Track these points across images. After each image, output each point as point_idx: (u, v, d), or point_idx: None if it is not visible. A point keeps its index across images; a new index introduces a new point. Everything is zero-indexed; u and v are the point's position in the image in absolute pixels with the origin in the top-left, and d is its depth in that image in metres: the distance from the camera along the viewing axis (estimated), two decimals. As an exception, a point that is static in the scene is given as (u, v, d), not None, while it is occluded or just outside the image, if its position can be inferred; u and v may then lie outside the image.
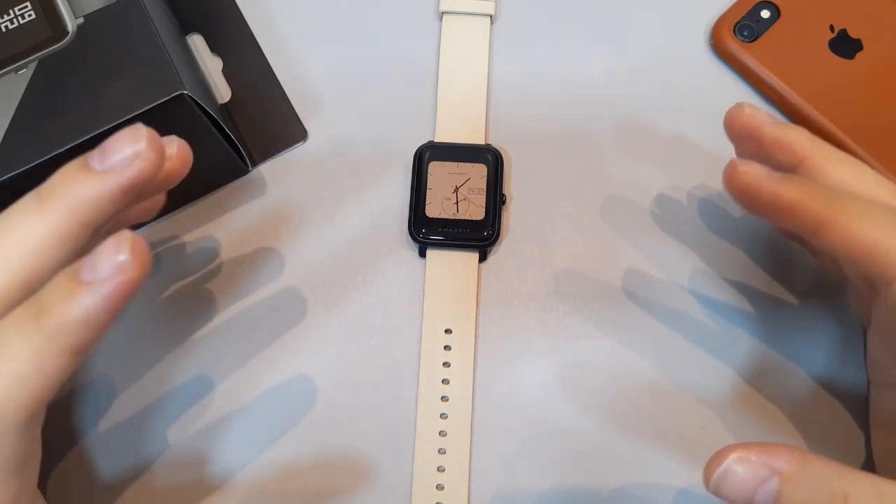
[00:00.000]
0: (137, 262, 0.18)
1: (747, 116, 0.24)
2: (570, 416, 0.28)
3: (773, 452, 0.19)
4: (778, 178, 0.21)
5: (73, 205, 0.19)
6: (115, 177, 0.19)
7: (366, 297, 0.29)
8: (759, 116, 0.24)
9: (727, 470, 0.19)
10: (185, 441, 0.27)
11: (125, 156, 0.19)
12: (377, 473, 0.27)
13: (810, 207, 0.21)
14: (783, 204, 0.21)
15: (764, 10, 0.32)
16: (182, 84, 0.24)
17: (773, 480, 0.19)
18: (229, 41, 0.33)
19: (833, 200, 0.21)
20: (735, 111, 0.24)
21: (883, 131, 0.30)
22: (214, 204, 0.31)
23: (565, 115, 0.32)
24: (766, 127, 0.24)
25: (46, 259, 0.19)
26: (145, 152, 0.19)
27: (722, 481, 0.20)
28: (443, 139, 0.31)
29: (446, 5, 0.33)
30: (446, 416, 0.28)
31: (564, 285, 0.30)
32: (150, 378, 0.28)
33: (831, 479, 0.19)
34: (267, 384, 0.28)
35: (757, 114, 0.24)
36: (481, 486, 0.27)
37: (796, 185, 0.21)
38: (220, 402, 0.28)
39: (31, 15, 0.25)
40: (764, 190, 0.21)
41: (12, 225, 0.19)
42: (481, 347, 0.29)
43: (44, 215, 0.19)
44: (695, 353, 0.29)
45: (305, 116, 0.32)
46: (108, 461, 0.27)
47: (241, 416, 0.28)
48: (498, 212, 0.29)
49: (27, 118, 0.24)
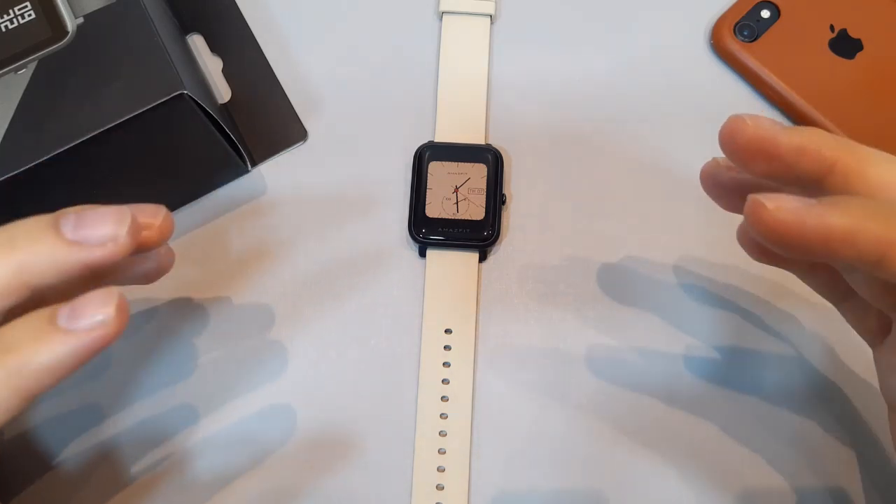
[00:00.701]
0: (119, 320, 0.17)
1: (753, 128, 0.19)
2: (570, 416, 0.28)
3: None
4: (820, 206, 0.17)
5: (24, 262, 0.17)
6: (81, 251, 0.18)
7: (366, 298, 0.29)
8: (767, 125, 0.19)
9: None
10: (185, 441, 0.27)
11: (100, 234, 0.18)
12: (377, 473, 0.27)
13: (870, 232, 0.17)
14: (836, 236, 0.17)
15: (764, 10, 0.32)
16: (182, 84, 0.24)
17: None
18: (229, 41, 0.33)
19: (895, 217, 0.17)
20: (735, 126, 0.20)
21: (883, 131, 0.30)
22: (214, 204, 0.31)
23: (565, 115, 0.32)
24: (781, 136, 0.19)
25: None
26: (123, 238, 0.18)
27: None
28: (443, 139, 0.31)
29: (446, 5, 0.33)
30: (446, 416, 0.28)
31: (564, 285, 0.30)
32: (146, 376, 0.28)
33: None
34: (267, 384, 0.28)
35: (763, 123, 0.19)
36: (481, 486, 0.27)
37: (844, 209, 0.17)
38: (219, 401, 0.28)
39: (31, 15, 0.25)
40: (808, 225, 0.17)
41: None
42: (481, 347, 0.29)
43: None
44: (695, 353, 0.29)
45: (305, 116, 0.32)
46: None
47: (240, 416, 0.28)
48: (498, 212, 0.29)
49: (27, 118, 0.24)
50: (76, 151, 0.24)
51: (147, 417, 0.28)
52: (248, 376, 0.28)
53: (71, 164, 0.24)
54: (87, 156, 0.24)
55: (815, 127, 0.20)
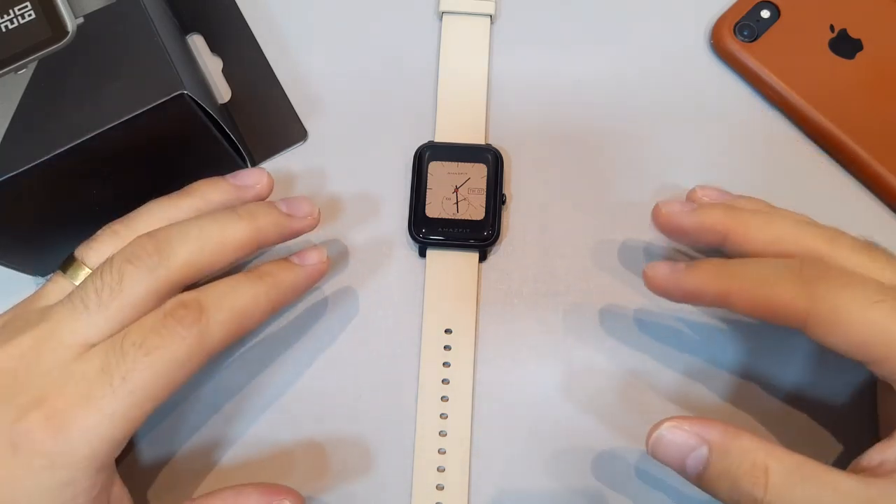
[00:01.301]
0: (325, 263, 0.27)
1: (664, 215, 0.26)
2: (570, 416, 0.28)
3: (706, 425, 0.22)
4: (677, 272, 0.24)
5: (260, 226, 0.25)
6: (294, 221, 0.26)
7: (366, 297, 0.29)
8: (675, 209, 0.26)
9: (660, 436, 0.22)
10: (184, 441, 0.27)
11: (305, 211, 0.26)
12: (377, 473, 0.27)
13: (710, 286, 0.23)
14: (689, 292, 0.24)
15: (764, 10, 0.32)
16: (182, 84, 0.24)
17: (703, 448, 0.22)
18: (229, 41, 0.33)
19: (728, 270, 0.23)
20: (654, 213, 0.26)
21: (883, 131, 0.30)
22: (214, 204, 0.31)
23: (565, 114, 0.32)
24: (684, 217, 0.25)
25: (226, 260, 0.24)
26: (316, 214, 0.27)
27: (657, 445, 0.23)
28: (443, 139, 0.31)
29: (446, 5, 0.33)
30: (446, 416, 0.28)
31: (564, 285, 0.30)
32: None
33: (757, 453, 0.21)
34: (266, 384, 0.28)
35: (672, 207, 0.26)
36: (481, 485, 0.27)
37: (692, 273, 0.24)
38: (217, 401, 0.28)
39: (31, 15, 0.25)
40: (670, 285, 0.25)
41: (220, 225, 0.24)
42: (481, 347, 0.29)
43: (242, 223, 0.24)
44: (695, 354, 0.29)
45: (305, 116, 0.32)
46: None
47: (239, 415, 0.28)
48: (498, 212, 0.29)
49: (27, 118, 0.24)
50: (76, 151, 0.24)
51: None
52: (247, 376, 0.28)
53: (71, 164, 0.24)
54: (87, 156, 0.24)
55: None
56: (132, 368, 0.21)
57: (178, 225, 0.24)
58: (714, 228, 0.25)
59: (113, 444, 0.21)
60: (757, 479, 0.21)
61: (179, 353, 0.22)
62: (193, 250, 0.23)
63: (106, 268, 0.23)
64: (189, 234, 0.23)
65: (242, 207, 0.25)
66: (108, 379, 0.21)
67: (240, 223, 0.24)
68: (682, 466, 0.22)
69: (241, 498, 0.24)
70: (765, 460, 0.21)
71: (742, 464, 0.21)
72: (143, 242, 0.23)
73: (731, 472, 0.21)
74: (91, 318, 0.22)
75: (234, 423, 0.28)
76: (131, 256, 0.23)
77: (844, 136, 0.30)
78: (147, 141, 0.26)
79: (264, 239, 0.25)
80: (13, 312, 0.24)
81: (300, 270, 0.26)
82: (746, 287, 0.23)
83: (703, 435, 0.22)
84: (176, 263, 0.23)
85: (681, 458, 0.22)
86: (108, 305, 0.22)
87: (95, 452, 0.21)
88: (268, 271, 0.25)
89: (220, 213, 0.24)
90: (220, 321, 0.23)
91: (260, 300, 0.24)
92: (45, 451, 0.21)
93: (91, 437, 0.21)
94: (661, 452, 0.23)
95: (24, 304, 0.24)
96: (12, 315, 0.24)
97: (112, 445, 0.21)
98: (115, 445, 0.22)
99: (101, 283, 0.22)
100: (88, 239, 0.25)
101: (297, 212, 0.26)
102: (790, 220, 0.25)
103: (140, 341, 0.22)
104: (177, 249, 0.23)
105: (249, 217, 0.24)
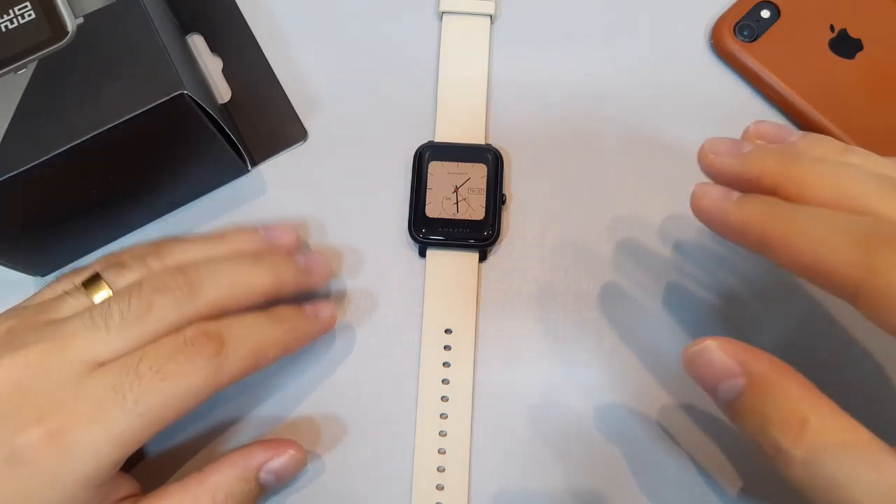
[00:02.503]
0: (335, 318, 0.27)
1: (708, 158, 0.23)
2: (570, 416, 0.28)
3: (754, 356, 0.20)
4: (728, 201, 0.22)
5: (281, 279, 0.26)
6: (310, 277, 0.27)
7: (366, 298, 0.29)
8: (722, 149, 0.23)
9: (700, 351, 0.20)
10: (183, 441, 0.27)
11: (321, 270, 0.28)
12: (377, 473, 0.27)
13: (754, 225, 0.21)
14: (731, 225, 0.21)
15: (764, 10, 0.32)
16: (182, 84, 0.24)
17: (740, 380, 0.19)
18: (229, 41, 0.33)
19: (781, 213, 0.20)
20: (699, 153, 0.24)
21: (883, 131, 0.30)
22: (214, 204, 0.31)
23: (565, 115, 0.32)
24: (727, 162, 0.23)
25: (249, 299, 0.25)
26: (331, 274, 0.29)
27: (694, 360, 0.20)
28: (443, 139, 0.31)
29: (446, 5, 0.33)
30: (446, 416, 0.28)
31: (564, 285, 0.30)
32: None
33: (800, 401, 0.19)
34: (265, 383, 0.28)
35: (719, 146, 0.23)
36: (481, 486, 0.27)
37: (741, 205, 0.21)
38: (216, 401, 0.28)
39: (31, 15, 0.25)
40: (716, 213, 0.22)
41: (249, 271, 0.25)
42: (481, 347, 0.29)
43: (267, 274, 0.25)
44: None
45: (305, 116, 0.32)
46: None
47: (238, 416, 0.28)
48: (498, 212, 0.29)
49: (27, 118, 0.24)
50: (76, 151, 0.24)
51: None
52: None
53: (71, 164, 0.24)
54: (87, 156, 0.24)
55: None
56: (147, 392, 0.21)
57: (209, 265, 0.25)
58: (761, 181, 0.21)
59: (115, 464, 0.22)
60: (790, 427, 0.18)
61: (195, 382, 0.22)
62: (221, 292, 0.24)
63: (135, 293, 0.23)
64: (219, 277, 0.24)
65: (268, 258, 0.26)
66: (121, 399, 0.21)
67: (265, 273, 0.25)
68: (713, 389, 0.20)
69: (249, 457, 0.24)
70: (807, 413, 0.18)
71: (779, 409, 0.19)
72: (175, 276, 0.24)
73: (765, 413, 0.19)
74: (109, 338, 0.22)
75: (234, 423, 0.28)
76: (163, 287, 0.23)
77: (844, 136, 0.30)
78: (147, 141, 0.26)
79: (283, 291, 0.26)
80: (17, 319, 0.24)
81: (315, 323, 0.26)
82: (796, 240, 0.19)
83: (747, 366, 0.20)
84: (204, 302, 0.23)
85: (714, 382, 0.20)
86: (130, 329, 0.22)
87: (97, 472, 0.21)
88: (286, 317, 0.25)
89: (247, 261, 0.25)
90: (238, 356, 0.23)
91: (277, 343, 0.25)
92: (46, 469, 0.21)
93: (94, 457, 0.21)
94: (695, 369, 0.21)
95: (30, 311, 0.24)
96: (17, 322, 0.23)
97: (114, 465, 0.22)
98: (116, 465, 0.22)
99: (127, 306, 0.23)
100: (115, 261, 0.25)
101: (314, 270, 0.27)
102: (861, 172, 0.20)
103: (158, 366, 0.22)
104: (207, 289, 0.24)
105: (274, 269, 0.25)
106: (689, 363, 0.21)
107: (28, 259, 0.28)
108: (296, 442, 0.26)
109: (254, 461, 0.24)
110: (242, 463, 0.24)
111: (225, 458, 0.24)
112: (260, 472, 0.24)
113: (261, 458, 0.24)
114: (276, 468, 0.25)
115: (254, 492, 0.24)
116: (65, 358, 0.22)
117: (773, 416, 0.19)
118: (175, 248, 0.26)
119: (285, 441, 0.26)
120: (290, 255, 0.27)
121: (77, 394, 0.21)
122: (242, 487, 0.24)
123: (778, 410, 0.19)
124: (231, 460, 0.24)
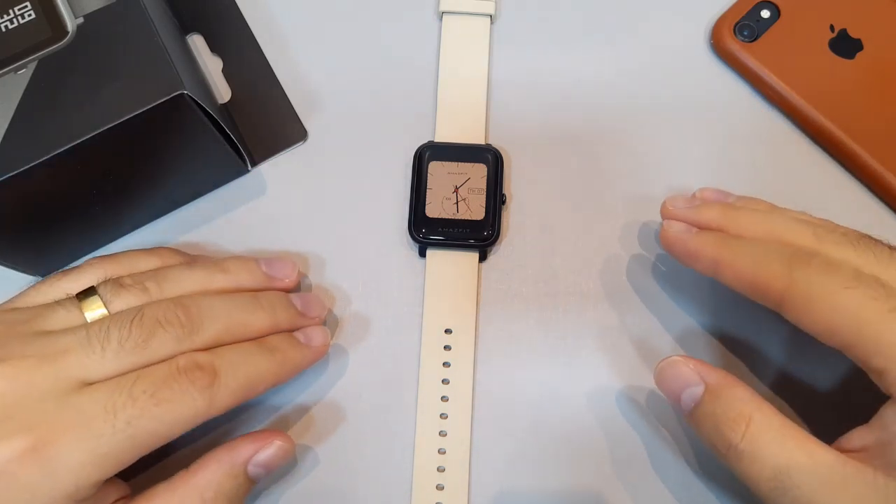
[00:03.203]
0: (327, 346, 0.27)
1: (669, 210, 0.27)
2: (570, 416, 0.28)
3: (709, 368, 0.24)
4: (688, 234, 0.26)
5: (277, 319, 0.26)
6: (307, 322, 0.27)
7: (366, 297, 0.29)
8: (679, 205, 0.27)
9: (665, 367, 0.24)
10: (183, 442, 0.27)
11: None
12: (377, 473, 0.27)
13: (706, 252, 0.25)
14: (689, 253, 0.25)
15: (764, 10, 0.32)
16: (182, 84, 0.24)
17: (700, 387, 0.23)
18: (229, 41, 0.33)
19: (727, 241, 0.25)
20: (661, 207, 0.27)
21: (883, 131, 0.30)
22: (214, 204, 0.31)
23: (565, 115, 0.32)
24: (688, 213, 0.27)
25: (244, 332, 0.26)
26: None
27: (661, 375, 0.25)
28: (443, 139, 0.31)
29: (446, 5, 0.33)
30: (446, 416, 0.28)
31: (564, 285, 0.30)
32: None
33: (746, 403, 0.22)
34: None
35: (676, 203, 0.27)
36: (481, 486, 0.27)
37: (697, 238, 0.26)
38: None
39: (31, 15, 0.25)
40: (678, 244, 0.26)
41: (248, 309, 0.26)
42: (481, 347, 0.29)
43: (264, 314, 0.26)
44: (699, 353, 0.29)
45: (305, 116, 0.32)
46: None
47: (235, 415, 0.28)
48: (498, 212, 0.29)
49: (27, 118, 0.24)
50: (76, 151, 0.24)
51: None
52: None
53: (71, 164, 0.24)
54: (87, 156, 0.24)
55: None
56: (140, 415, 0.21)
57: (209, 302, 0.25)
58: (709, 225, 0.26)
59: (96, 484, 0.21)
60: (738, 425, 0.22)
61: (187, 411, 0.22)
62: (220, 330, 0.24)
63: (136, 321, 0.23)
64: (219, 316, 0.25)
65: (265, 298, 0.26)
66: (112, 419, 0.21)
67: (262, 314, 0.26)
68: (677, 399, 0.24)
69: (236, 452, 0.24)
70: (751, 411, 0.22)
71: (729, 410, 0.22)
72: (175, 311, 0.24)
73: (717, 415, 0.23)
74: (103, 360, 0.22)
75: (234, 423, 0.28)
76: (164, 322, 0.23)
77: (844, 136, 0.30)
78: (147, 141, 0.26)
79: (278, 330, 0.26)
80: (4, 326, 0.23)
81: (307, 352, 0.27)
82: (738, 261, 0.24)
83: (704, 375, 0.24)
84: (202, 339, 0.24)
85: (678, 392, 0.24)
86: (127, 355, 0.23)
87: (79, 489, 0.21)
88: (278, 346, 0.26)
89: (246, 301, 0.26)
90: (230, 389, 0.24)
91: (269, 374, 0.25)
92: (27, 483, 0.20)
93: (76, 475, 0.21)
94: (663, 382, 0.25)
95: (18, 317, 0.24)
96: (3, 328, 0.23)
97: (95, 486, 0.21)
98: (97, 485, 0.22)
99: (127, 334, 0.23)
100: (112, 276, 0.25)
101: (310, 312, 0.28)
102: (784, 217, 0.25)
103: (152, 391, 0.22)
104: (207, 328, 0.24)
105: (271, 310, 0.26)
106: (659, 375, 0.25)
107: (28, 259, 0.28)
108: (282, 431, 0.26)
109: (240, 456, 0.24)
110: (229, 459, 0.24)
111: (211, 454, 0.24)
112: (248, 466, 0.24)
113: (247, 452, 0.25)
114: (264, 461, 0.25)
115: (243, 486, 0.24)
116: (54, 373, 0.22)
117: (725, 417, 0.22)
118: (175, 275, 0.26)
119: (271, 432, 0.26)
120: (288, 296, 0.27)
121: (64, 409, 0.21)
122: (231, 484, 0.24)
123: (728, 412, 0.22)
124: (217, 457, 0.24)
